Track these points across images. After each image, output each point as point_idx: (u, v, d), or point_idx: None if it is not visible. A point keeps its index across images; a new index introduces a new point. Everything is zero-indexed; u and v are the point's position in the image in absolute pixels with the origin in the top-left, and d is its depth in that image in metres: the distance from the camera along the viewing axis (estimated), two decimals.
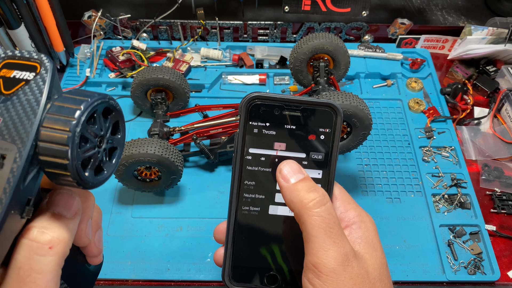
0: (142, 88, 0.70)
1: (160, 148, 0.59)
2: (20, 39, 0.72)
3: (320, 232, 0.29)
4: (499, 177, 0.71)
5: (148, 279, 0.60)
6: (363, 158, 0.73)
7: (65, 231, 0.25)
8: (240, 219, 0.35)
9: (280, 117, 0.34)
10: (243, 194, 0.35)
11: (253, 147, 0.34)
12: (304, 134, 0.34)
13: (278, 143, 0.34)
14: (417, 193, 0.70)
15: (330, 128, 0.34)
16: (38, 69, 0.24)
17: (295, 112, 0.34)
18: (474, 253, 0.63)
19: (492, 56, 0.85)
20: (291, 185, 0.31)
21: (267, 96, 0.33)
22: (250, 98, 0.33)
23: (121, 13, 0.85)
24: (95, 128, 0.25)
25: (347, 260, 0.29)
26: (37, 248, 0.23)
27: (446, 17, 0.99)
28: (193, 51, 0.88)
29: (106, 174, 0.26)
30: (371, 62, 0.86)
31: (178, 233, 0.65)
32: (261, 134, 0.34)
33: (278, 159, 0.34)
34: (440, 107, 0.81)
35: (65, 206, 0.26)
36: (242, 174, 0.34)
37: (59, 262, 0.24)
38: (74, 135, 0.22)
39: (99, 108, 0.24)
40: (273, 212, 0.35)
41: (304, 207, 0.30)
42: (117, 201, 0.68)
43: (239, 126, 0.34)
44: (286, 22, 0.89)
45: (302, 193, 0.30)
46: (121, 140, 0.28)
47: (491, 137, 0.76)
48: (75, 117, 0.23)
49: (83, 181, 0.24)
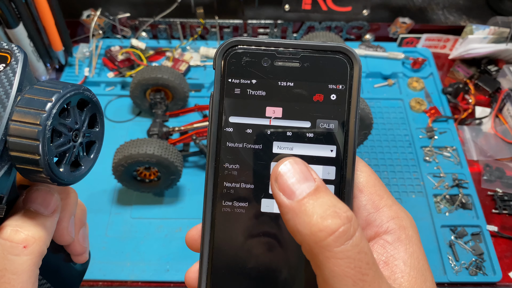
0: (141, 87, 0.70)
1: (159, 148, 0.59)
2: (18, 38, 0.71)
3: (348, 283, 0.18)
4: (501, 178, 0.71)
5: (147, 280, 0.60)
6: (364, 158, 0.73)
7: (41, 229, 0.24)
8: (219, 221, 0.24)
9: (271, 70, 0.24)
10: (222, 183, 0.25)
11: (235, 115, 0.24)
12: (307, 93, 0.24)
13: (271, 108, 0.24)
14: (418, 193, 0.69)
15: (344, 83, 0.24)
16: (8, 60, 0.22)
17: (293, 62, 0.24)
18: (476, 254, 0.62)
19: (494, 55, 0.85)
20: (296, 203, 0.19)
21: (252, 41, 0.24)
22: (228, 44, 0.24)
23: (120, 12, 0.85)
24: (69, 121, 0.23)
25: None
26: (11, 248, 0.22)
27: (448, 16, 0.99)
28: (193, 50, 0.87)
29: (84, 170, 0.25)
30: (372, 62, 0.86)
31: (178, 234, 0.64)
32: (246, 95, 0.24)
33: (272, 130, 0.24)
34: (442, 107, 0.80)
35: (43, 203, 0.24)
36: (221, 154, 0.24)
37: (35, 262, 0.23)
38: (45, 129, 0.21)
39: (72, 100, 0.23)
40: (268, 209, 0.24)
41: (319, 244, 0.18)
42: (116, 201, 0.67)
43: (214, 86, 0.24)
44: (287, 21, 0.89)
45: (314, 219, 0.19)
46: (100, 134, 0.26)
47: (492, 137, 0.76)
48: (45, 109, 0.21)
49: (58, 177, 0.23)
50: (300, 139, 0.24)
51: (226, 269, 0.24)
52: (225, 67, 0.24)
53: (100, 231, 0.64)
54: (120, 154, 0.59)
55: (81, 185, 0.65)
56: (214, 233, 0.24)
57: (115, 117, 0.78)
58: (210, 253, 0.24)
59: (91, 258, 0.34)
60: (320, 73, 0.24)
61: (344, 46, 0.24)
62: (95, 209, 0.65)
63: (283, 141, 0.24)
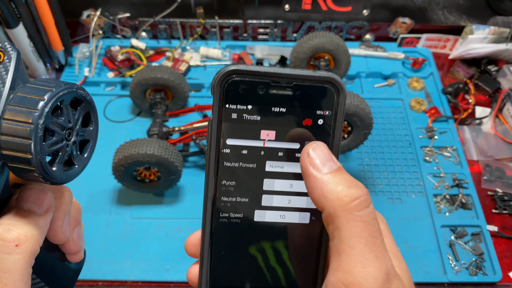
0: (141, 87, 0.70)
1: (159, 148, 0.59)
2: (18, 38, 0.71)
3: (361, 242, 0.22)
4: (501, 178, 0.71)
5: (147, 280, 0.60)
6: (364, 158, 0.73)
7: (34, 228, 0.24)
8: (218, 229, 0.28)
9: (266, 97, 0.26)
10: (220, 197, 0.28)
11: (232, 137, 0.27)
12: (297, 118, 0.27)
13: (265, 131, 0.27)
14: (418, 193, 0.69)
15: (330, 110, 0.27)
16: (1, 58, 0.22)
17: (285, 90, 0.26)
18: (476, 254, 0.62)
19: (494, 55, 0.85)
20: (325, 175, 0.24)
21: (248, 70, 0.26)
22: (225, 73, 0.26)
23: (120, 12, 0.85)
24: (62, 120, 0.23)
25: (388, 280, 0.23)
26: (3, 246, 0.23)
27: (448, 16, 0.99)
28: (193, 50, 0.87)
29: (77, 169, 0.25)
30: (372, 62, 0.86)
31: (178, 234, 0.64)
32: (242, 120, 0.27)
33: (265, 151, 0.27)
34: (442, 106, 0.80)
35: (36, 201, 0.24)
36: (219, 172, 0.27)
37: (27, 260, 0.23)
38: (37, 128, 0.21)
39: (66, 99, 0.23)
40: (260, 218, 0.28)
41: (344, 207, 0.22)
42: (116, 201, 0.67)
43: (213, 110, 0.26)
44: (287, 21, 0.89)
45: (341, 187, 0.23)
46: (94, 132, 0.26)
47: (492, 137, 0.76)
48: (38, 108, 0.21)
49: (50, 176, 0.23)
50: (290, 159, 0.27)
51: (224, 269, 0.28)
52: (222, 94, 0.26)
53: (100, 231, 0.64)
54: (120, 154, 0.59)
55: (81, 185, 0.65)
56: (213, 239, 0.28)
57: (115, 117, 0.78)
58: (209, 256, 0.27)
59: (91, 258, 0.34)
60: (310, 100, 0.27)
61: (333, 76, 0.26)
62: (95, 209, 0.65)
63: (275, 161, 0.27)
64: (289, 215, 0.28)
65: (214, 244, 0.28)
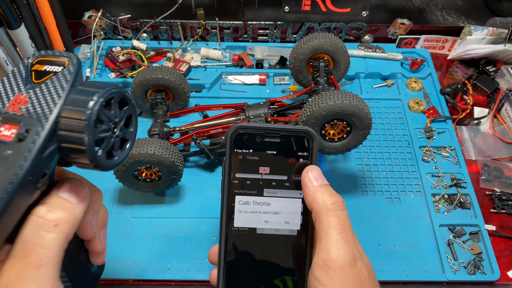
0: (142, 88, 0.70)
1: (160, 148, 0.59)
2: (20, 39, 0.72)
3: (335, 231, 0.32)
4: (499, 177, 0.71)
5: (148, 279, 0.61)
6: (363, 158, 0.74)
7: (71, 214, 0.27)
8: (230, 239, 0.37)
9: (262, 144, 0.37)
10: (232, 216, 0.37)
11: (239, 172, 0.37)
12: (284, 158, 0.37)
13: (263, 167, 0.37)
14: (417, 193, 0.70)
15: (307, 151, 0.37)
16: (66, 64, 0.27)
17: (275, 139, 0.37)
18: (474, 253, 0.63)
19: (492, 56, 0.85)
20: (317, 186, 0.35)
21: (249, 126, 0.37)
22: (234, 129, 0.37)
23: (121, 13, 0.85)
24: (110, 114, 0.27)
25: (354, 260, 0.31)
26: (43, 225, 0.26)
27: (446, 17, 0.99)
28: (193, 51, 0.88)
29: (117, 161, 0.29)
30: (371, 62, 0.86)
31: (178, 233, 0.65)
32: (246, 160, 0.37)
33: (262, 182, 0.37)
34: (440, 107, 0.81)
35: (74, 192, 0.28)
36: (230, 196, 0.37)
37: (62, 241, 0.26)
38: (92, 113, 0.25)
39: (115, 96, 0.27)
40: (261, 231, 0.37)
41: (326, 207, 0.33)
42: (117, 201, 0.68)
43: (226, 153, 0.37)
44: (286, 22, 0.89)
45: (325, 195, 0.34)
46: (133, 134, 0.30)
47: (491, 137, 0.77)
48: (94, 98, 0.26)
49: (96, 158, 0.26)
50: (281, 187, 0.37)
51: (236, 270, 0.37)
52: (232, 142, 0.37)
53: None
54: None
55: None
56: (227, 247, 0.37)
57: None
58: (224, 259, 0.37)
59: None
60: (293, 145, 0.37)
61: (308, 129, 0.37)
62: None
63: (270, 188, 0.37)
64: (282, 229, 0.37)
65: (228, 250, 0.37)
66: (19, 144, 0.24)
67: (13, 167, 0.24)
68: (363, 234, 0.65)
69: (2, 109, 0.26)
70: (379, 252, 0.63)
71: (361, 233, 0.65)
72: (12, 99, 0.26)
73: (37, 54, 0.28)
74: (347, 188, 0.69)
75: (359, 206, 0.68)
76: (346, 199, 0.68)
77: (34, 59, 0.28)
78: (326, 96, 0.57)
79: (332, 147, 0.61)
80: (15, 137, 0.25)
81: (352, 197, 0.69)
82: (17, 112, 0.26)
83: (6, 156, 0.24)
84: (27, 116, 0.25)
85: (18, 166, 0.24)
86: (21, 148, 0.24)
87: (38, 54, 0.28)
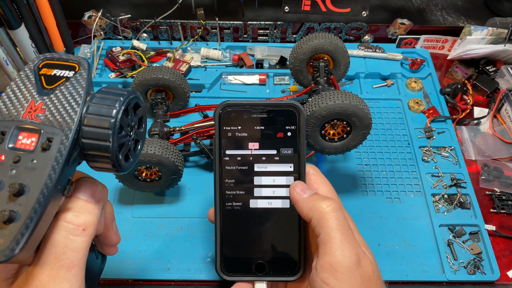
0: (142, 88, 0.70)
1: (160, 148, 0.59)
2: (20, 39, 0.72)
3: (338, 233, 0.33)
4: (499, 177, 0.71)
5: (148, 279, 0.61)
6: (362, 158, 0.74)
7: (93, 216, 0.28)
8: (225, 215, 0.39)
9: (250, 120, 0.38)
10: (225, 191, 0.39)
11: (229, 149, 0.38)
12: (273, 133, 0.38)
13: (252, 143, 0.38)
14: (416, 193, 0.70)
15: (295, 125, 0.38)
16: (77, 69, 0.27)
17: (262, 114, 0.38)
18: (474, 253, 0.63)
19: (492, 56, 0.85)
20: (307, 197, 0.36)
21: (236, 103, 0.38)
22: (222, 106, 0.38)
23: (121, 13, 0.85)
24: (128, 119, 0.28)
25: (358, 260, 0.32)
26: (73, 230, 0.27)
27: (446, 17, 0.99)
28: (193, 51, 0.88)
29: (132, 162, 0.30)
30: (371, 62, 0.86)
31: (178, 232, 0.65)
32: (235, 136, 0.38)
33: (252, 157, 0.38)
34: (440, 107, 0.81)
35: (92, 193, 0.29)
36: (222, 173, 0.38)
37: (88, 244, 0.28)
38: (116, 121, 0.26)
39: (132, 102, 0.28)
40: (254, 205, 0.39)
41: (323, 212, 0.34)
42: (117, 201, 0.68)
43: (215, 132, 0.38)
44: (286, 22, 0.89)
45: (319, 201, 0.35)
46: (143, 134, 0.31)
47: (490, 137, 0.77)
48: (116, 106, 0.26)
49: (119, 163, 0.27)
50: (270, 161, 0.39)
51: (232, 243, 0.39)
52: (220, 119, 0.38)
53: None
54: None
55: None
56: (222, 222, 0.39)
57: None
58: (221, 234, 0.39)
59: None
60: (280, 120, 0.38)
61: (294, 103, 0.38)
62: None
63: (260, 163, 0.39)
64: (275, 202, 0.39)
65: (224, 225, 0.39)
66: (44, 153, 0.25)
67: (42, 177, 0.24)
68: (363, 234, 0.63)
69: (18, 117, 0.25)
70: (379, 252, 0.63)
71: (361, 233, 0.64)
72: (26, 106, 0.26)
73: (42, 57, 0.28)
74: (347, 188, 0.70)
75: (359, 206, 0.68)
76: (346, 199, 0.68)
77: (40, 62, 0.27)
78: (326, 96, 0.57)
79: (332, 147, 0.61)
80: (38, 146, 0.25)
81: (352, 197, 0.69)
82: (34, 120, 0.25)
83: (33, 166, 0.24)
84: (48, 125, 0.25)
85: (47, 177, 0.24)
86: (47, 158, 0.25)
87: (43, 57, 0.28)
